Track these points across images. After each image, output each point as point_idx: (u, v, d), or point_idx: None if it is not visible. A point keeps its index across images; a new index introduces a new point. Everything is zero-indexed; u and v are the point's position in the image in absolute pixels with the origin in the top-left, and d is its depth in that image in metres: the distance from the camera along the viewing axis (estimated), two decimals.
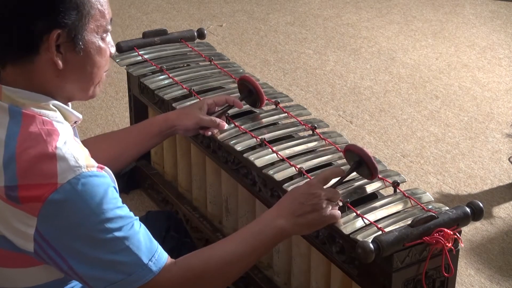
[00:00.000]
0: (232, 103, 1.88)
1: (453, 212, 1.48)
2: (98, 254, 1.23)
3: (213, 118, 1.82)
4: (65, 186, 1.19)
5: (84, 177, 1.20)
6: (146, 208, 2.51)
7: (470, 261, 2.35)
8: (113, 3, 4.68)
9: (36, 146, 1.20)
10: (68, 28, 1.24)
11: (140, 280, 1.26)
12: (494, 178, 2.82)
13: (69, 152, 1.21)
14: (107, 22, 1.32)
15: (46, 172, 1.19)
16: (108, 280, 1.25)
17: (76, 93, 1.33)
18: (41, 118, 1.25)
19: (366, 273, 1.52)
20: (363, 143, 3.03)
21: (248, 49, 4.04)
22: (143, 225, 1.31)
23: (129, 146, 1.76)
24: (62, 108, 1.30)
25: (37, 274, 1.28)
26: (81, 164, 1.21)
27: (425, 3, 4.88)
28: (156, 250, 1.29)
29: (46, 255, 1.23)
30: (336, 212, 1.46)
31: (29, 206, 1.19)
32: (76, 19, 1.24)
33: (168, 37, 2.41)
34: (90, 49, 1.29)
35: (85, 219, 1.21)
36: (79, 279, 1.26)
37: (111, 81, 3.55)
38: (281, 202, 1.46)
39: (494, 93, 3.58)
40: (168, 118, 1.81)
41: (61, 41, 1.24)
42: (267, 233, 1.40)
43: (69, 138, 1.25)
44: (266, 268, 2.00)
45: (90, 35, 1.28)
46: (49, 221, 1.20)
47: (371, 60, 3.92)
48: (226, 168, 1.98)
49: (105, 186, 1.24)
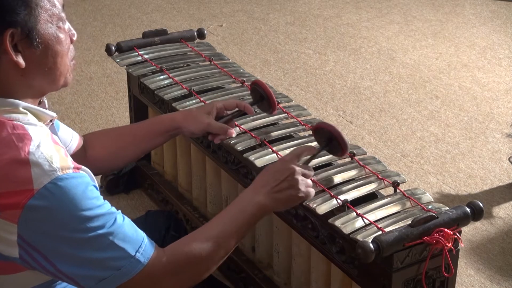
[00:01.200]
0: (243, 108, 1.79)
1: (453, 212, 1.48)
2: (84, 253, 1.22)
3: (223, 125, 1.73)
4: (42, 192, 1.17)
5: (60, 180, 1.19)
6: (146, 208, 2.51)
7: (470, 261, 2.35)
8: (113, 3, 4.70)
9: (8, 152, 1.18)
10: (20, 25, 1.21)
11: (130, 272, 1.25)
12: (494, 178, 2.82)
13: (42, 155, 1.19)
14: (60, 10, 1.28)
15: (20, 179, 1.17)
16: (97, 277, 1.24)
17: (46, 87, 1.31)
18: (11, 123, 1.23)
19: (366, 273, 1.52)
20: (363, 143, 3.03)
21: (248, 49, 4.04)
22: (126, 217, 1.30)
23: (131, 143, 1.72)
24: (33, 110, 1.28)
25: (24, 278, 1.27)
26: (56, 167, 1.19)
27: (425, 3, 4.89)
28: (142, 240, 1.28)
29: (32, 260, 1.22)
30: (311, 189, 1.48)
31: (8, 214, 1.18)
32: (26, 14, 1.22)
33: (168, 37, 2.41)
34: (48, 40, 1.26)
35: (66, 222, 1.20)
36: (68, 279, 1.26)
37: (111, 81, 3.55)
38: (258, 180, 1.46)
39: (494, 93, 3.58)
40: (174, 118, 1.76)
41: (17, 39, 1.22)
42: (248, 211, 1.41)
43: (43, 140, 1.23)
44: (266, 268, 2.00)
45: (44, 26, 1.25)
46: (30, 227, 1.19)
47: (371, 60, 3.92)
48: (226, 168, 1.98)
49: (82, 186, 1.22)
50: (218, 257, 1.39)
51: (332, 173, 1.68)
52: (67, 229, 1.20)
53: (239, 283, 2.06)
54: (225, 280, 2.06)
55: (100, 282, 1.24)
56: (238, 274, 2.06)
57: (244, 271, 2.03)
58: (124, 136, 1.74)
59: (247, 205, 1.42)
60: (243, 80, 2.17)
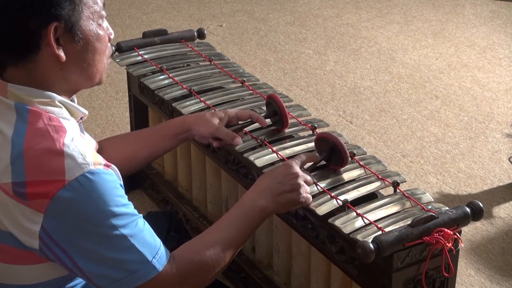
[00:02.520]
0: (256, 120, 1.80)
1: (453, 212, 1.48)
2: (104, 251, 1.23)
3: (230, 132, 1.74)
4: (73, 183, 1.19)
5: (92, 174, 1.21)
6: (146, 208, 2.51)
7: (470, 261, 2.35)
8: (113, 3, 4.70)
9: (44, 142, 1.21)
10: (64, 20, 1.24)
11: (144, 277, 1.27)
12: (494, 178, 2.82)
13: (77, 149, 1.22)
14: (101, 8, 1.31)
15: (53, 169, 1.19)
16: (112, 277, 1.25)
17: (82, 83, 1.33)
18: (48, 115, 1.25)
19: (366, 273, 1.52)
20: (363, 143, 3.03)
21: (248, 49, 4.04)
22: (146, 222, 1.32)
23: (144, 147, 1.73)
24: (68, 105, 1.31)
25: (42, 271, 1.29)
26: (88, 161, 1.21)
27: (425, 3, 4.89)
28: (159, 247, 1.30)
29: (50, 252, 1.24)
30: (310, 196, 1.51)
31: (36, 203, 1.19)
32: (70, 9, 1.24)
33: (168, 37, 2.41)
34: (89, 37, 1.29)
35: (92, 216, 1.22)
36: (83, 276, 1.27)
37: (111, 81, 3.55)
38: (259, 183, 1.48)
39: (494, 93, 3.58)
40: (185, 120, 1.77)
41: (60, 33, 1.24)
42: (251, 215, 1.43)
43: (76, 134, 1.26)
44: (266, 268, 2.00)
45: (86, 23, 1.28)
46: (55, 218, 1.20)
47: (371, 60, 3.92)
48: (226, 168, 1.98)
49: (111, 183, 1.24)
50: (224, 263, 1.41)
51: (332, 174, 1.68)
52: (92, 223, 1.22)
53: (239, 283, 2.06)
54: (225, 280, 2.06)
55: (114, 283, 1.26)
56: (238, 274, 2.07)
57: (244, 271, 2.03)
58: (136, 141, 1.75)
59: (249, 209, 1.44)
60: (243, 80, 2.17)
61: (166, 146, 1.76)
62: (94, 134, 2.98)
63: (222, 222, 1.43)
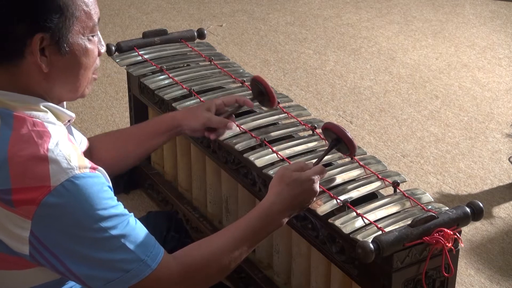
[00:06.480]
0: (242, 103, 1.78)
1: (453, 212, 1.48)
2: (95, 253, 1.23)
3: (222, 119, 1.73)
4: (58, 189, 1.18)
5: (77, 179, 1.20)
6: (146, 208, 2.51)
7: (470, 261, 2.35)
8: (113, 3, 4.70)
9: (28, 149, 1.20)
10: (51, 31, 1.23)
11: (138, 276, 1.26)
12: (494, 178, 2.82)
13: (61, 153, 1.21)
14: (94, 23, 1.30)
15: (38, 175, 1.18)
16: (106, 278, 1.25)
17: (64, 95, 1.32)
18: (32, 120, 1.24)
19: (366, 273, 1.52)
20: (363, 143, 3.03)
21: (248, 49, 4.04)
22: (138, 221, 1.31)
23: (135, 144, 1.73)
24: (53, 108, 1.29)
25: (33, 275, 1.28)
26: (74, 166, 1.20)
27: (425, 3, 4.89)
28: (153, 245, 1.30)
29: (41, 257, 1.23)
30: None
31: (23, 209, 1.18)
32: (59, 22, 1.23)
33: (168, 37, 2.41)
34: (75, 51, 1.27)
35: (80, 220, 1.21)
36: (76, 279, 1.26)
37: (111, 81, 3.55)
38: (282, 193, 1.46)
39: (494, 93, 3.58)
40: (175, 116, 1.76)
41: (45, 44, 1.23)
42: (268, 230, 1.45)
43: (62, 138, 1.24)
44: (266, 268, 2.00)
45: (75, 37, 1.27)
46: (43, 224, 1.19)
47: (371, 60, 3.92)
48: (226, 168, 1.98)
49: (98, 186, 1.23)
50: (227, 269, 1.40)
51: (332, 173, 1.68)
52: (81, 228, 1.21)
53: (239, 283, 2.06)
54: (225, 280, 2.06)
55: (108, 284, 1.25)
56: (238, 274, 2.06)
57: (244, 271, 2.03)
58: (127, 138, 1.74)
59: (269, 225, 1.45)
60: (243, 80, 2.17)
61: (156, 143, 1.76)
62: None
63: (235, 231, 1.42)
